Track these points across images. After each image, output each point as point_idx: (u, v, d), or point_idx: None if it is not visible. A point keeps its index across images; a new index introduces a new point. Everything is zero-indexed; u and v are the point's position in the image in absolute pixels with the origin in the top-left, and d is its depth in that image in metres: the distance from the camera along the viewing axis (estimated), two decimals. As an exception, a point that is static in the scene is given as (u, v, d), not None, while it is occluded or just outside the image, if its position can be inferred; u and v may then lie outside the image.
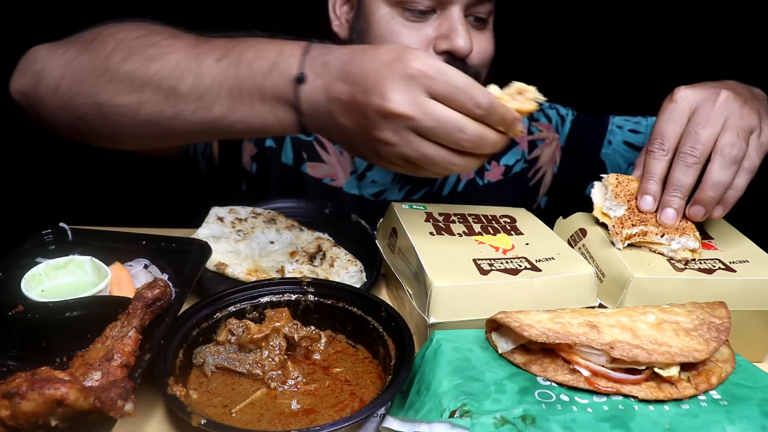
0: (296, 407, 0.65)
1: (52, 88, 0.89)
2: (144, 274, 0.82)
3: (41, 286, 0.78)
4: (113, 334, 0.65)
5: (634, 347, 0.60)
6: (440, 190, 1.28)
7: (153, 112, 0.84)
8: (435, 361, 0.64)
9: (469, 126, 0.72)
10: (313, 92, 0.77)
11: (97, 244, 0.83)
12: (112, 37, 0.87)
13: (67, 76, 0.88)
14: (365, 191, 1.25)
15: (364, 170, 1.24)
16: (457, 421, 0.56)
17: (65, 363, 0.68)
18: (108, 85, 0.84)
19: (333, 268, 0.92)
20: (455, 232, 0.84)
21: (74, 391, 0.53)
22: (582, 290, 0.76)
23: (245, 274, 0.90)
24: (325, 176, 1.24)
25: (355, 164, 1.25)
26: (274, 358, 0.70)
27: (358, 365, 0.72)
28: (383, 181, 1.25)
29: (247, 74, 0.79)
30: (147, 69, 0.83)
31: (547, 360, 0.63)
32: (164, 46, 0.84)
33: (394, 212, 0.87)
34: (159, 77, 0.82)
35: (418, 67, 0.71)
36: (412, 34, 1.06)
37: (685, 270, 0.76)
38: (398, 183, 1.25)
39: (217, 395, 0.67)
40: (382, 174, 1.24)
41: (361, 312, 0.75)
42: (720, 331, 0.64)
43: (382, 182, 1.25)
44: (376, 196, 1.25)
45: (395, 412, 0.64)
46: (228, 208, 1.03)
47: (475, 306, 0.71)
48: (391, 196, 1.26)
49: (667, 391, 0.60)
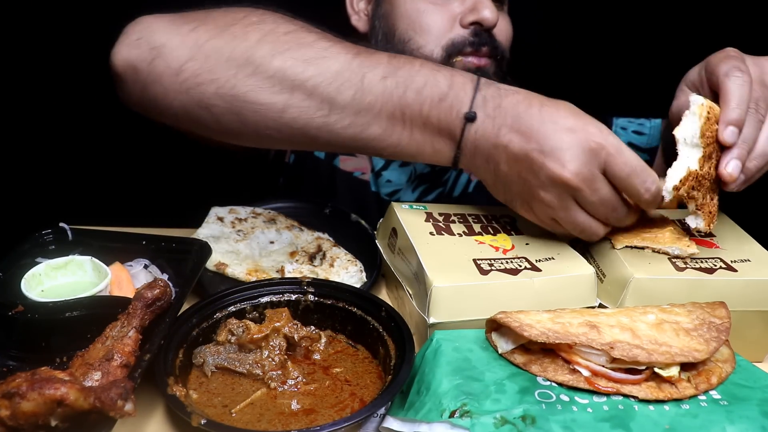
0: (296, 407, 0.65)
1: (175, 68, 0.79)
2: (144, 274, 0.82)
3: (41, 286, 0.78)
4: (113, 334, 0.65)
5: (634, 347, 0.60)
6: (452, 191, 1.29)
7: (299, 117, 0.78)
8: (435, 361, 0.64)
9: (622, 206, 0.76)
10: (481, 133, 0.76)
11: (97, 244, 0.83)
12: (255, 27, 0.79)
13: (196, 59, 0.78)
14: (381, 190, 1.25)
15: (380, 169, 1.24)
16: (457, 421, 0.56)
17: (65, 363, 0.68)
18: (250, 79, 0.77)
19: (333, 268, 0.92)
20: (455, 232, 0.84)
21: (74, 391, 0.53)
22: (582, 290, 0.76)
23: (245, 274, 0.90)
24: (355, 169, 1.25)
25: (372, 163, 1.25)
26: (274, 358, 0.70)
27: (358, 365, 0.72)
28: (398, 182, 1.25)
29: (414, 100, 0.76)
30: (302, 71, 0.76)
31: (547, 360, 0.63)
32: (321, 48, 0.78)
33: (394, 212, 0.87)
34: (314, 83, 0.76)
35: (600, 142, 0.71)
36: (438, 11, 1.10)
37: (686, 270, 0.76)
38: (412, 183, 1.26)
39: (217, 395, 0.67)
40: (397, 174, 1.24)
41: (361, 312, 0.75)
42: (720, 331, 0.64)
43: (398, 182, 1.25)
44: (390, 195, 1.26)
45: (395, 412, 0.64)
46: (228, 208, 1.03)
47: (475, 306, 0.71)
48: (405, 197, 1.26)
49: (667, 391, 0.60)
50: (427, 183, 1.26)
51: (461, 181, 1.29)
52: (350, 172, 1.24)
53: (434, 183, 1.27)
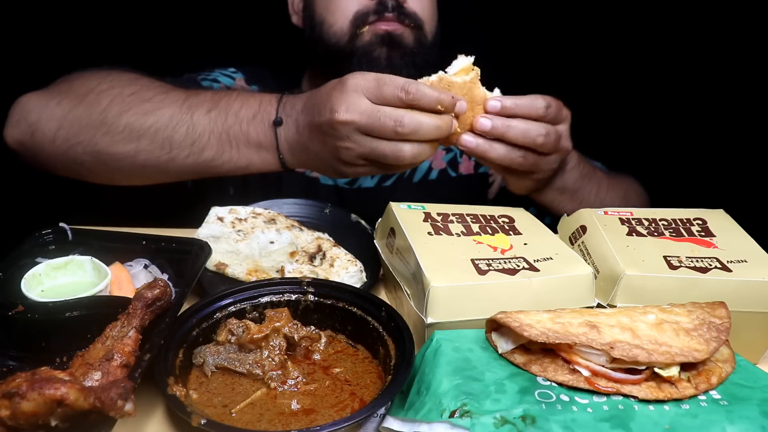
0: (296, 407, 0.65)
1: (50, 138, 0.99)
2: (144, 274, 0.82)
3: (41, 286, 0.78)
4: (113, 334, 0.65)
5: (634, 347, 0.60)
6: (411, 177, 1.35)
7: (149, 158, 0.96)
8: (435, 361, 0.64)
9: (405, 115, 0.83)
10: (287, 131, 0.93)
11: (97, 244, 0.83)
12: (106, 93, 0.99)
13: (64, 128, 0.98)
14: (339, 180, 1.33)
15: None
16: (457, 421, 0.56)
17: (65, 363, 0.68)
18: (106, 137, 0.96)
19: (333, 268, 0.92)
20: (453, 231, 0.83)
21: (74, 391, 0.53)
22: (580, 290, 0.76)
23: (245, 274, 0.90)
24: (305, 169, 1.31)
25: None
26: (274, 358, 0.70)
27: (358, 365, 0.72)
28: None
29: (234, 122, 0.94)
30: (144, 122, 0.95)
31: (547, 360, 0.63)
32: (158, 101, 0.97)
33: (392, 212, 0.87)
34: (155, 128, 0.95)
35: (353, 81, 0.85)
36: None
37: (680, 268, 0.76)
38: None
39: (217, 395, 0.67)
40: None
41: (361, 312, 0.75)
42: (720, 331, 0.64)
43: None
44: (350, 183, 1.34)
45: (395, 412, 0.64)
46: (228, 208, 1.03)
47: (472, 306, 0.71)
48: (365, 183, 1.35)
49: (667, 391, 0.60)
50: None
51: (422, 166, 1.36)
52: (301, 172, 1.30)
53: None
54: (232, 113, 0.95)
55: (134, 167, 0.98)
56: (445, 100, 0.84)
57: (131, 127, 0.96)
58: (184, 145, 0.95)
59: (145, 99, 0.97)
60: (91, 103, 0.98)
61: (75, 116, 0.99)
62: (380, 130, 0.84)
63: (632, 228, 0.86)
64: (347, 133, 0.85)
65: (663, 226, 0.87)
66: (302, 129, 0.92)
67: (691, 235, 0.84)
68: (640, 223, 0.87)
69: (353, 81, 0.85)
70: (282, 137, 0.94)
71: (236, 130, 0.94)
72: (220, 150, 0.95)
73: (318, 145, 0.90)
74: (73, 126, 0.99)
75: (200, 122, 0.95)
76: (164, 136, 0.95)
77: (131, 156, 0.97)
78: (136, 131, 0.95)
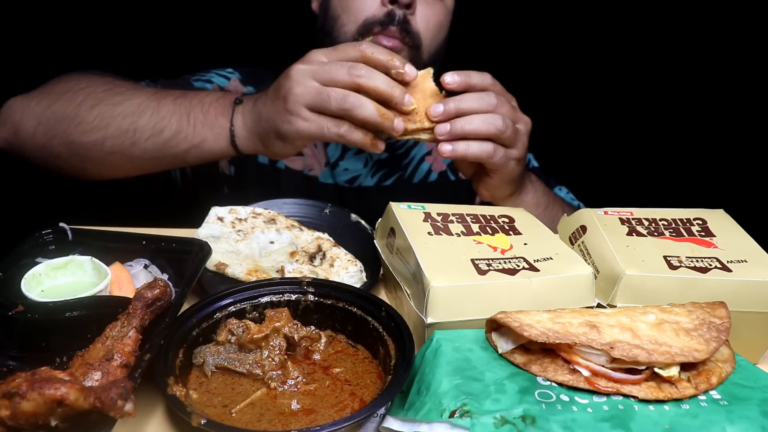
0: (296, 407, 0.65)
1: (30, 134, 1.07)
2: (144, 274, 0.82)
3: (41, 286, 0.78)
4: (113, 334, 0.65)
5: (634, 347, 0.60)
6: (411, 177, 1.38)
7: (115, 144, 1.04)
8: (435, 361, 0.64)
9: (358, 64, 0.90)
10: (245, 107, 1.01)
11: (97, 244, 0.83)
12: (82, 90, 1.06)
13: (42, 123, 1.07)
14: (339, 179, 1.35)
15: (337, 160, 1.35)
16: (457, 421, 0.56)
17: (65, 363, 0.68)
18: (78, 127, 1.04)
19: (333, 268, 0.92)
20: (453, 231, 0.83)
21: (74, 391, 0.53)
22: (580, 290, 0.76)
23: (245, 274, 0.90)
24: (304, 167, 1.35)
25: (327, 156, 1.34)
26: (274, 358, 0.70)
27: (358, 365, 0.72)
28: (355, 168, 1.35)
29: (197, 104, 1.03)
30: (113, 110, 1.03)
31: (547, 360, 0.63)
32: (128, 94, 1.05)
33: (392, 212, 0.87)
34: (123, 115, 1.03)
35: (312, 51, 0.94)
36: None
37: (680, 268, 0.76)
38: (371, 169, 1.36)
39: (217, 395, 0.67)
40: (353, 162, 1.35)
41: (361, 312, 0.75)
42: (720, 331, 0.64)
43: (354, 169, 1.35)
44: (350, 182, 1.36)
45: (395, 412, 0.64)
46: (228, 208, 1.03)
47: (472, 306, 0.71)
48: (365, 182, 1.36)
49: (667, 391, 0.60)
50: (386, 168, 1.36)
51: (422, 168, 1.38)
52: (299, 170, 1.34)
53: (393, 168, 1.37)
54: (197, 100, 1.03)
55: (102, 155, 1.05)
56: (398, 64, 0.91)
57: (101, 116, 1.03)
58: (146, 128, 1.02)
59: (116, 92, 1.06)
60: (68, 99, 1.06)
61: (51, 112, 1.06)
62: (334, 73, 0.90)
63: (632, 228, 0.86)
64: (300, 78, 0.91)
65: (663, 226, 0.87)
66: (259, 100, 0.99)
67: (691, 235, 0.84)
68: (640, 223, 0.87)
69: (313, 51, 0.94)
70: (238, 113, 1.01)
71: (197, 112, 1.02)
72: (178, 129, 1.02)
73: (269, 104, 0.96)
74: (49, 121, 1.06)
75: (165, 107, 1.02)
76: (130, 121, 1.02)
77: (99, 144, 1.03)
78: (105, 119, 1.03)
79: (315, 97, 0.91)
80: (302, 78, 0.91)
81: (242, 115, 1.01)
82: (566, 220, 0.93)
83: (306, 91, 0.91)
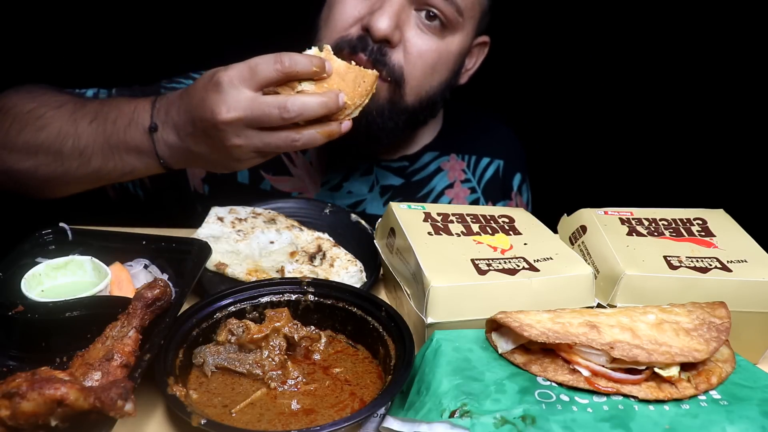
0: (296, 407, 0.65)
1: None
2: (144, 274, 0.82)
3: (41, 286, 0.78)
4: (113, 334, 0.65)
5: (634, 347, 0.60)
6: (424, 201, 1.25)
7: (47, 171, 0.99)
8: (435, 361, 0.64)
9: (287, 100, 0.83)
10: (166, 136, 0.92)
11: (97, 244, 0.83)
12: (8, 113, 1.01)
13: None
14: (341, 202, 1.21)
15: (341, 181, 1.23)
16: (457, 421, 0.56)
17: (65, 363, 0.68)
18: (12, 155, 1.00)
19: (333, 268, 0.92)
20: (453, 232, 0.83)
21: (74, 391, 0.53)
22: (580, 290, 0.76)
23: (245, 274, 0.90)
24: (293, 189, 1.22)
25: (327, 175, 1.23)
26: (274, 358, 0.70)
27: (358, 365, 0.72)
28: (359, 192, 1.23)
29: (113, 130, 0.94)
30: (37, 138, 0.98)
31: (547, 360, 0.63)
32: (49, 117, 0.98)
33: (392, 212, 0.87)
34: (47, 143, 0.97)
35: (226, 75, 0.83)
36: (348, 5, 1.05)
37: (680, 268, 0.76)
38: (377, 194, 1.24)
39: (217, 395, 0.67)
40: (358, 185, 1.23)
41: (361, 312, 0.75)
42: (720, 331, 0.64)
43: (359, 193, 1.23)
44: (353, 207, 1.22)
45: (395, 412, 0.64)
46: (228, 208, 1.03)
47: (472, 306, 0.71)
48: (370, 209, 1.23)
49: (667, 391, 0.60)
50: (400, 196, 1.24)
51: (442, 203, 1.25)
52: (288, 192, 1.22)
53: (407, 198, 1.23)
54: (110, 122, 0.95)
55: (39, 182, 1.01)
56: (317, 62, 0.85)
57: (28, 144, 0.98)
58: (73, 157, 0.96)
59: (38, 116, 0.99)
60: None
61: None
62: (267, 119, 0.83)
63: (632, 228, 0.86)
64: (235, 131, 0.84)
65: (663, 226, 0.87)
66: (183, 135, 0.90)
67: (691, 235, 0.84)
68: (640, 223, 0.87)
69: (226, 75, 0.83)
70: (160, 142, 0.92)
71: (116, 139, 0.94)
72: (105, 159, 0.96)
73: (205, 147, 0.89)
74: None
75: (84, 133, 0.96)
76: (55, 149, 0.97)
77: (33, 171, 1.00)
78: (32, 147, 0.98)
79: (262, 146, 0.87)
80: (238, 130, 0.84)
81: (168, 148, 0.92)
82: (566, 220, 0.93)
83: (249, 141, 0.86)
